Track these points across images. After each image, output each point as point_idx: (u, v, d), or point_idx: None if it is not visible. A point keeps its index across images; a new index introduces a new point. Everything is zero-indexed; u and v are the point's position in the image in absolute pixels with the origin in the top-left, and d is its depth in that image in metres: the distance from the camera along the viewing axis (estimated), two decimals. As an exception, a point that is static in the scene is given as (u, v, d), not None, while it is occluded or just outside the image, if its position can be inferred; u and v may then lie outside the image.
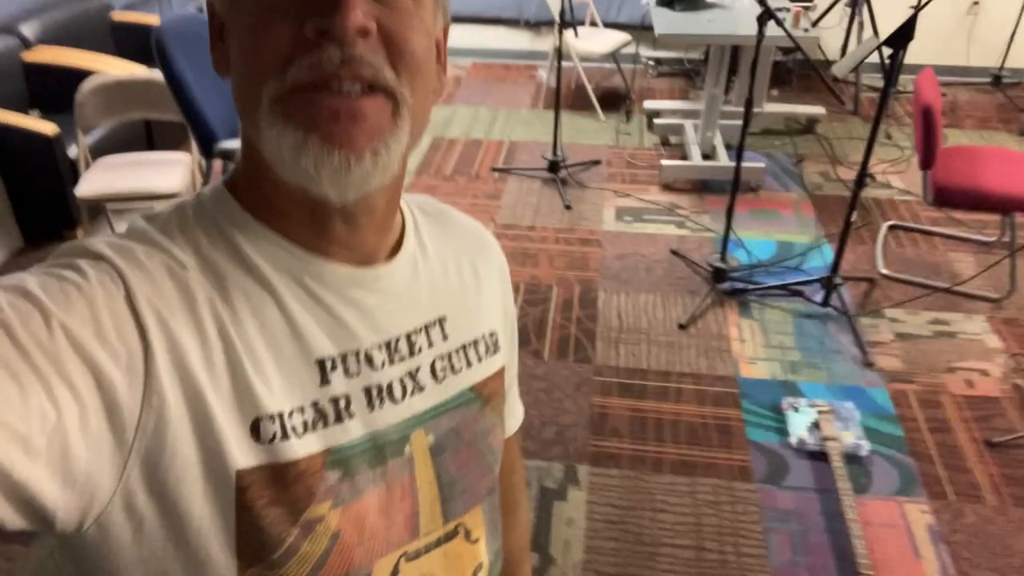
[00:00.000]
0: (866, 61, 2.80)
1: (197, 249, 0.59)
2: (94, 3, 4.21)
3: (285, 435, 0.58)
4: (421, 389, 0.68)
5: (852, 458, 2.35)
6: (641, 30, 4.90)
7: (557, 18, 3.71)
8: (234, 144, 2.83)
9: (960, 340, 2.89)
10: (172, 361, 0.54)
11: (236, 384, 0.57)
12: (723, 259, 3.13)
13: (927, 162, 2.94)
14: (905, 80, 5.10)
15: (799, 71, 5.20)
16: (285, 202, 0.60)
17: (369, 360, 0.64)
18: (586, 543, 2.10)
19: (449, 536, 0.70)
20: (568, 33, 4.09)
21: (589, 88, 4.76)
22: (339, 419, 0.62)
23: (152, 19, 4.30)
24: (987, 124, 4.65)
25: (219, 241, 0.60)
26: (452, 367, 0.71)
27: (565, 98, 4.82)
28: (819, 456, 2.37)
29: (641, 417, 2.52)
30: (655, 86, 5.22)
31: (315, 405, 0.61)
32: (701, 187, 3.92)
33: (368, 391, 0.64)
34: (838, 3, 4.82)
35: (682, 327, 2.92)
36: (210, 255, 0.59)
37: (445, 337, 0.71)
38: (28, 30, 3.75)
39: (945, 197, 2.97)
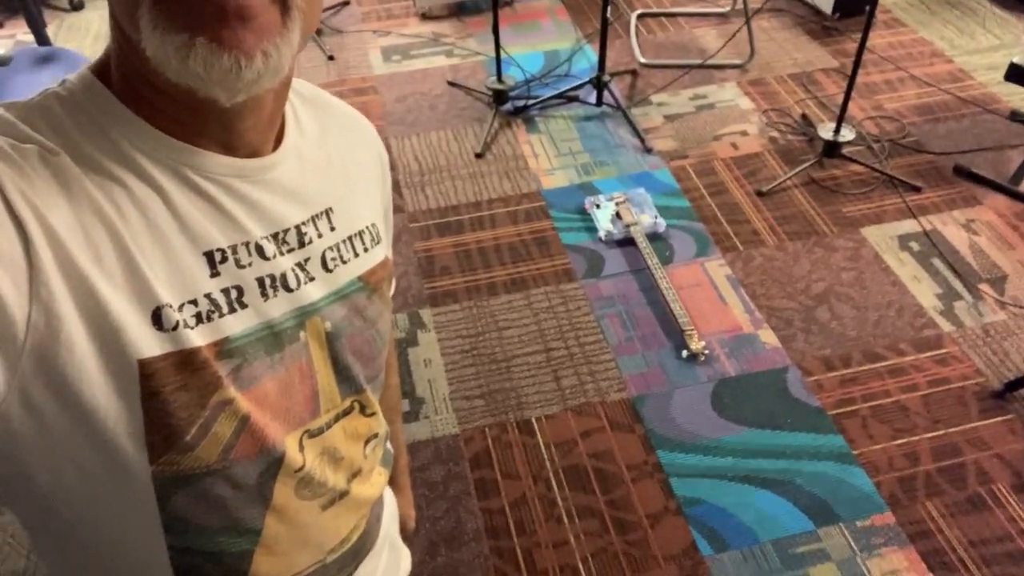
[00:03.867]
0: None
1: (68, 141, 0.57)
2: None
3: (185, 324, 0.60)
4: (312, 279, 0.70)
5: (653, 236, 2.62)
6: None
7: None
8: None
9: (718, 109, 3.20)
10: (55, 255, 0.53)
11: (131, 276, 0.57)
12: (499, 80, 3.19)
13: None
14: None
15: None
16: (163, 100, 0.58)
17: (260, 251, 0.65)
18: (448, 376, 2.25)
19: (346, 412, 0.76)
20: None
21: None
22: (232, 310, 0.63)
23: None
24: None
25: (95, 135, 0.58)
26: (341, 258, 0.73)
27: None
28: (626, 242, 2.61)
29: (465, 250, 2.63)
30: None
31: (208, 297, 0.61)
32: (459, 10, 3.89)
33: (261, 281, 0.65)
34: None
35: (479, 156, 3.00)
36: (84, 149, 0.57)
37: (332, 228, 0.72)
38: None
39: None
